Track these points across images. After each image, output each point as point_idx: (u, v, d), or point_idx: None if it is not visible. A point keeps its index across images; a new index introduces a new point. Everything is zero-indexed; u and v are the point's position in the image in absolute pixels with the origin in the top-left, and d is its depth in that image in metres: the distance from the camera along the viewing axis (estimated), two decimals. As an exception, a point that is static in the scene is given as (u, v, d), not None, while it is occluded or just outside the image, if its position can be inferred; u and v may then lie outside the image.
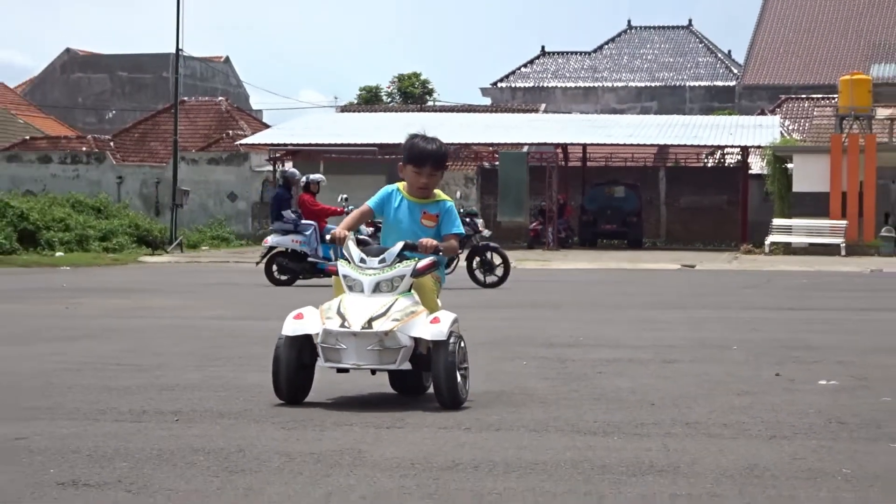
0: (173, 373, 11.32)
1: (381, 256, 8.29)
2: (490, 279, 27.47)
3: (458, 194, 29.99)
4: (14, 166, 62.81)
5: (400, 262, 8.32)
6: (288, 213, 28.73)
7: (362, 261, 8.28)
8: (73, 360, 12.79)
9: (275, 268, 28.67)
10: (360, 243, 8.63)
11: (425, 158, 8.39)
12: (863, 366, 12.69)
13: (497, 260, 27.97)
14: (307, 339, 8.25)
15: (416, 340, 8.23)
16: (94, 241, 47.83)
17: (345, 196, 29.13)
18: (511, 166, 53.16)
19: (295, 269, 28.36)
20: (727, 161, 63.17)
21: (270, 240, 29.47)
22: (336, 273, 8.53)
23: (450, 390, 8.18)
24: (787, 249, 50.40)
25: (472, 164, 61.96)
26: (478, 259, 27.82)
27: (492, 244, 29.06)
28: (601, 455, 7.63)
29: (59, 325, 17.62)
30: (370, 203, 8.56)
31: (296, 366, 8.22)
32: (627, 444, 8.07)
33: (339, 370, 8.55)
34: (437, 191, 8.71)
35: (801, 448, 7.93)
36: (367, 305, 8.03)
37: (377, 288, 8.12)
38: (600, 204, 59.55)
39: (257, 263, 30.32)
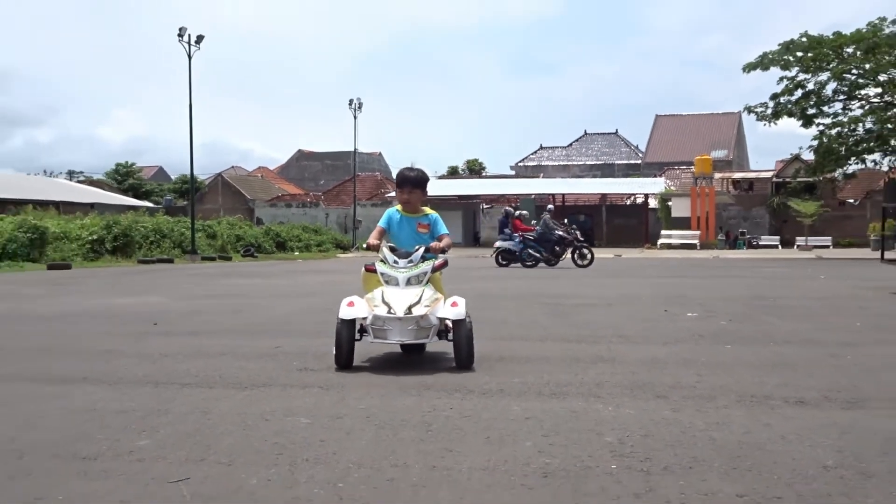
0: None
1: (409, 258, 6.71)
2: (582, 263, 26.02)
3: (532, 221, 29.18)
4: (273, 209, 63.09)
5: (422, 261, 6.76)
6: (506, 231, 28.39)
7: (395, 262, 6.69)
8: (303, 308, 12.85)
9: (500, 258, 27.66)
10: (391, 249, 6.93)
11: (405, 181, 6.97)
12: (711, 306, 12.55)
13: (587, 253, 26.62)
14: (354, 321, 6.60)
15: (440, 320, 6.62)
16: (314, 246, 47.99)
17: (533, 220, 29.22)
18: (525, 206, 52.94)
19: (510, 259, 27.29)
20: (637, 201, 62.42)
21: (498, 244, 28.55)
22: (374, 271, 6.79)
23: (468, 355, 6.58)
24: (669, 247, 49.92)
25: (504, 206, 61.56)
26: (577, 252, 26.49)
27: (584, 244, 27.76)
28: (576, 353, 7.58)
29: (296, 290, 17.70)
30: (381, 223, 7.12)
31: (351, 340, 6.58)
32: (589, 347, 8.00)
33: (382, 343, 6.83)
34: (424, 207, 7.22)
35: (679, 349, 7.85)
36: (404, 296, 6.48)
37: (408, 282, 6.59)
38: (572, 224, 59.29)
39: (491, 256, 29.20)
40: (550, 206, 30.96)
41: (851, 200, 55.14)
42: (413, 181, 7.04)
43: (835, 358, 7.30)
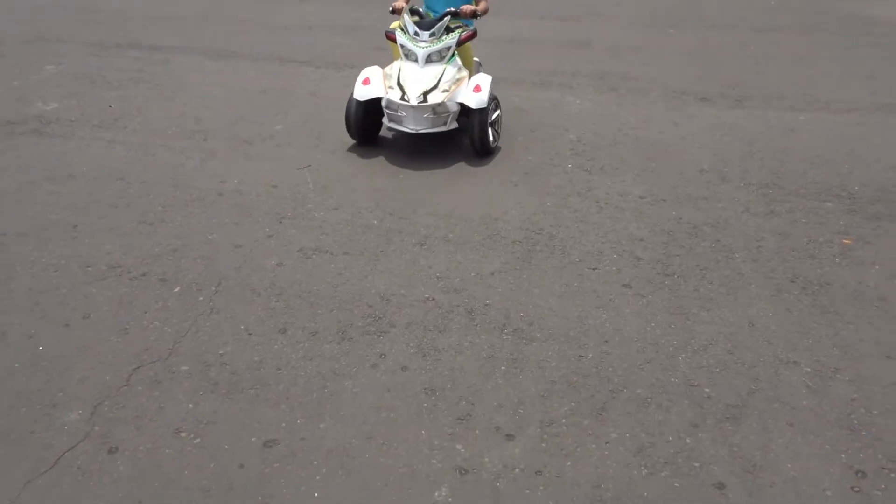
0: None
1: (432, 31, 4.12)
2: None
3: None
4: None
5: (447, 34, 4.18)
6: None
7: (416, 34, 4.13)
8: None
9: None
10: (414, 13, 4.35)
11: None
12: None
13: None
14: (368, 101, 4.23)
15: (460, 105, 4.19)
16: None
17: None
18: None
19: None
20: None
21: None
22: (394, 40, 4.25)
23: (482, 143, 4.19)
24: None
25: None
26: None
27: None
28: (565, 36, 7.25)
29: None
30: None
31: (363, 119, 4.25)
32: (575, 27, 7.68)
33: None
34: None
35: (637, 32, 7.49)
36: (421, 78, 4.06)
37: (429, 59, 4.09)
38: None
39: None
40: None
41: None
42: None
43: (742, 48, 7.08)
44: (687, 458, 2.24)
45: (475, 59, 4.72)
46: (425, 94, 4.05)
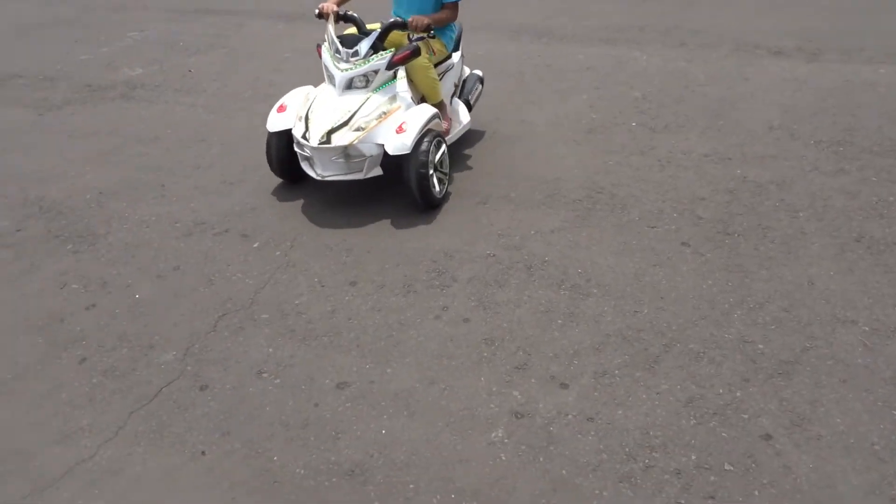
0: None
1: (355, 49, 3.19)
2: None
3: None
4: None
5: (374, 53, 3.21)
6: None
7: (337, 51, 3.21)
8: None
9: None
10: (349, 20, 3.35)
11: None
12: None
13: None
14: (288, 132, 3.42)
15: (381, 146, 3.23)
16: None
17: None
18: None
19: None
20: None
21: None
22: (321, 56, 3.33)
23: (422, 196, 3.29)
24: None
25: None
26: None
27: None
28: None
29: None
30: None
31: (286, 151, 3.45)
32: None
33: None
34: None
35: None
36: (331, 113, 3.16)
37: (350, 84, 3.20)
38: None
39: None
40: None
41: None
42: None
43: (823, -5, 6.76)
44: (736, 409, 2.33)
45: (475, 71, 4.09)
46: (330, 132, 3.14)
